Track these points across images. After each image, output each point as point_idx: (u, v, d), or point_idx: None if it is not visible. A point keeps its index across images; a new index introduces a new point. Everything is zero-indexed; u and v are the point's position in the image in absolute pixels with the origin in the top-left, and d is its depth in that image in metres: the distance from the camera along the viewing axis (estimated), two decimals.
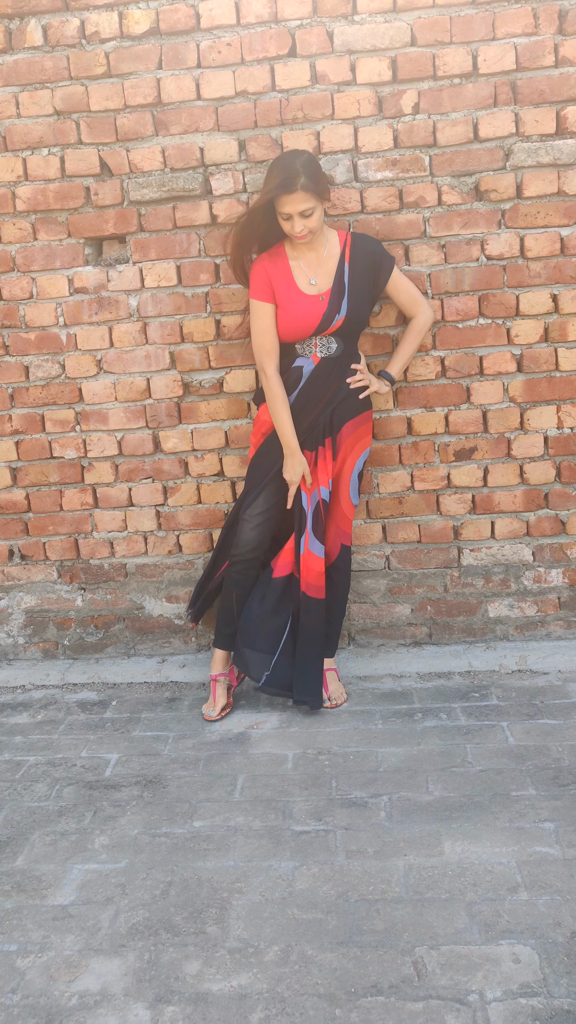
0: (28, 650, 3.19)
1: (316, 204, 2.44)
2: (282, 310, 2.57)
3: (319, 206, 2.46)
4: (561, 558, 2.94)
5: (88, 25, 2.73)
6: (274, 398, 2.58)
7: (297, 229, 2.45)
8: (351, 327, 2.60)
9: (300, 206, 2.41)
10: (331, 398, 2.63)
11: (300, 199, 2.40)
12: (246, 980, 1.59)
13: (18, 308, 2.95)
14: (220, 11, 2.68)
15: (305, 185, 2.39)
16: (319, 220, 2.48)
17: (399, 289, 2.65)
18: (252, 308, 2.59)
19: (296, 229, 2.45)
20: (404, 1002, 1.51)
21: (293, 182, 2.38)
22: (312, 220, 2.45)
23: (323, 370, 2.62)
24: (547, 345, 2.81)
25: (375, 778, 2.25)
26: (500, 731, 2.44)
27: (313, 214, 2.44)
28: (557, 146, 2.68)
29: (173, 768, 2.38)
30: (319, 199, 2.44)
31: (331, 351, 2.61)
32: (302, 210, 2.42)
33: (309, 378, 2.61)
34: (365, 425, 2.70)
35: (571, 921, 1.68)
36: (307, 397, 2.62)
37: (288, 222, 2.46)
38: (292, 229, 2.46)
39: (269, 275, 2.56)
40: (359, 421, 2.68)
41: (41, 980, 1.64)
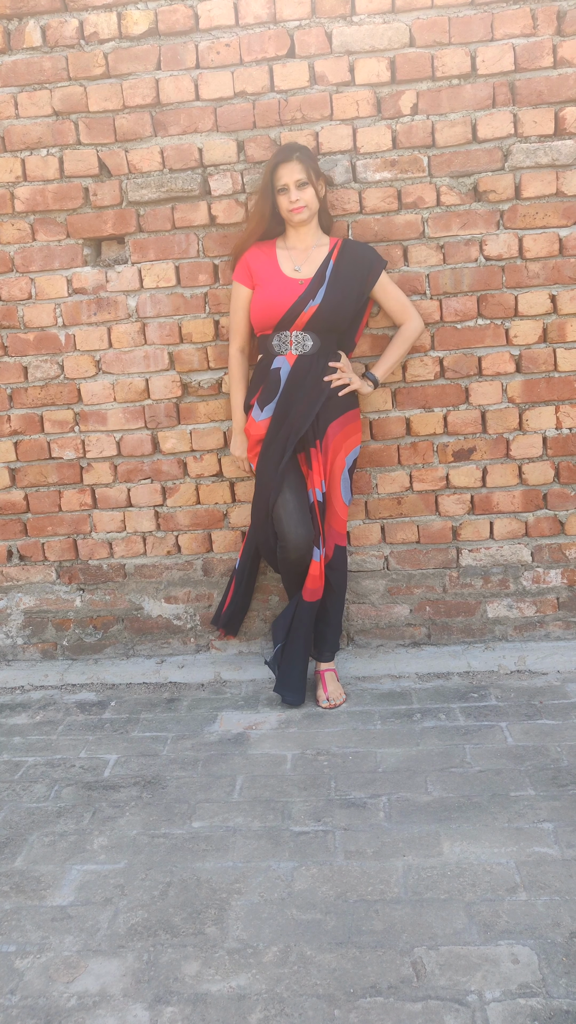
0: (27, 651, 3.19)
1: (311, 180, 2.53)
2: (259, 290, 2.62)
3: (314, 187, 2.54)
4: (560, 558, 2.94)
5: (87, 26, 2.73)
6: (232, 376, 2.75)
7: (292, 198, 2.52)
8: (325, 320, 2.59)
9: (296, 175, 2.51)
10: (314, 400, 2.60)
11: (296, 168, 2.51)
12: (245, 981, 1.59)
13: (17, 309, 2.95)
14: (219, 12, 2.68)
15: (301, 157, 2.52)
16: (313, 200, 2.55)
17: (388, 295, 2.67)
18: (232, 290, 2.70)
19: (292, 198, 2.52)
20: (403, 1002, 1.51)
21: (290, 151, 2.53)
22: (307, 194, 2.53)
23: (300, 369, 2.60)
24: (546, 346, 2.81)
25: (374, 779, 2.25)
26: (499, 731, 2.44)
27: (308, 188, 2.53)
28: (556, 147, 2.69)
29: (172, 769, 2.38)
30: (314, 177, 2.54)
31: (306, 348, 2.60)
32: (298, 179, 2.51)
33: (288, 380, 2.61)
34: (352, 424, 2.71)
35: (570, 921, 1.68)
36: (289, 400, 2.61)
37: (285, 196, 2.53)
38: (286, 202, 2.53)
39: (253, 259, 2.64)
40: (344, 420, 2.68)
41: (40, 981, 1.63)
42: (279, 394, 2.62)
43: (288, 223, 2.62)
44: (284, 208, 2.56)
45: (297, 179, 2.51)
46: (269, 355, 2.64)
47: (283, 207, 2.56)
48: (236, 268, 2.68)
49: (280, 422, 2.62)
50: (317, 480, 2.64)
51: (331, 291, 2.57)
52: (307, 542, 2.60)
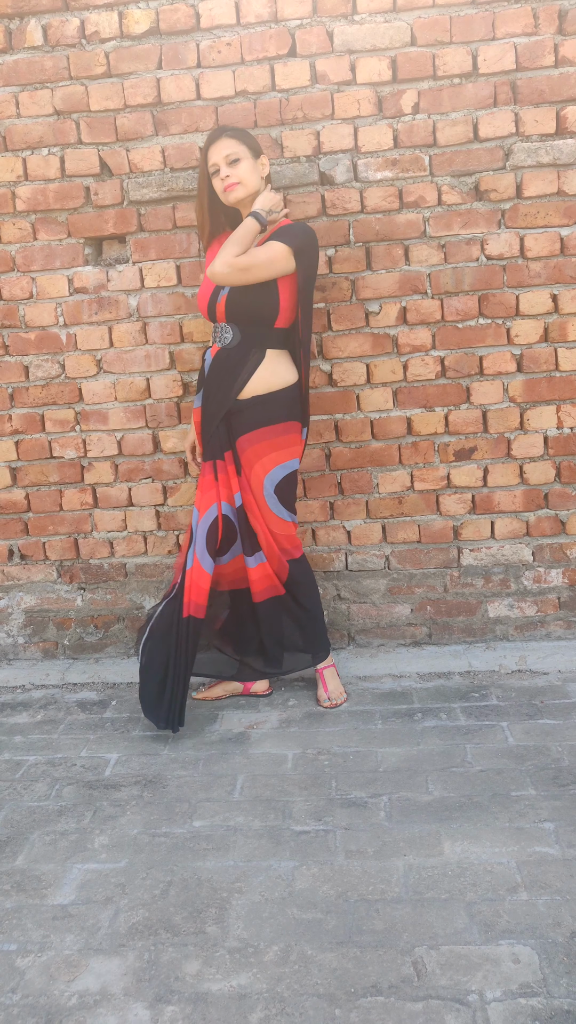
0: (28, 650, 3.19)
1: (244, 154, 2.42)
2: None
3: (248, 159, 2.43)
4: (561, 558, 2.94)
5: (88, 25, 2.73)
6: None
7: (223, 175, 2.42)
8: (238, 311, 2.43)
9: (225, 151, 2.41)
10: (222, 401, 2.47)
11: (225, 145, 2.41)
12: (246, 980, 1.59)
13: (18, 308, 2.96)
14: (220, 11, 2.68)
15: (232, 134, 2.43)
16: (249, 176, 2.43)
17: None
18: None
19: (222, 175, 2.42)
20: (404, 1002, 1.51)
21: (219, 131, 2.44)
22: (240, 168, 2.42)
23: (219, 362, 2.48)
24: (547, 345, 2.81)
25: (375, 778, 2.25)
26: (500, 731, 2.44)
27: (240, 162, 2.42)
28: (557, 146, 2.68)
29: (173, 768, 2.38)
30: (248, 150, 2.44)
31: (226, 341, 2.47)
32: (227, 154, 2.41)
33: (209, 371, 2.51)
34: (271, 440, 2.49)
35: (571, 921, 1.68)
36: (207, 393, 2.52)
37: (216, 178, 2.44)
38: (219, 182, 2.43)
39: (210, 252, 2.56)
40: (259, 436, 2.48)
41: (41, 980, 1.64)
42: (204, 386, 2.53)
43: (227, 204, 2.48)
44: (219, 190, 2.44)
45: (226, 155, 2.41)
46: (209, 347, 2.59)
47: (218, 189, 2.44)
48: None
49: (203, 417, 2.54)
50: (224, 493, 2.51)
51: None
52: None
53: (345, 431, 2.91)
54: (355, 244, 2.79)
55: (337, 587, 3.02)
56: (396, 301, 2.82)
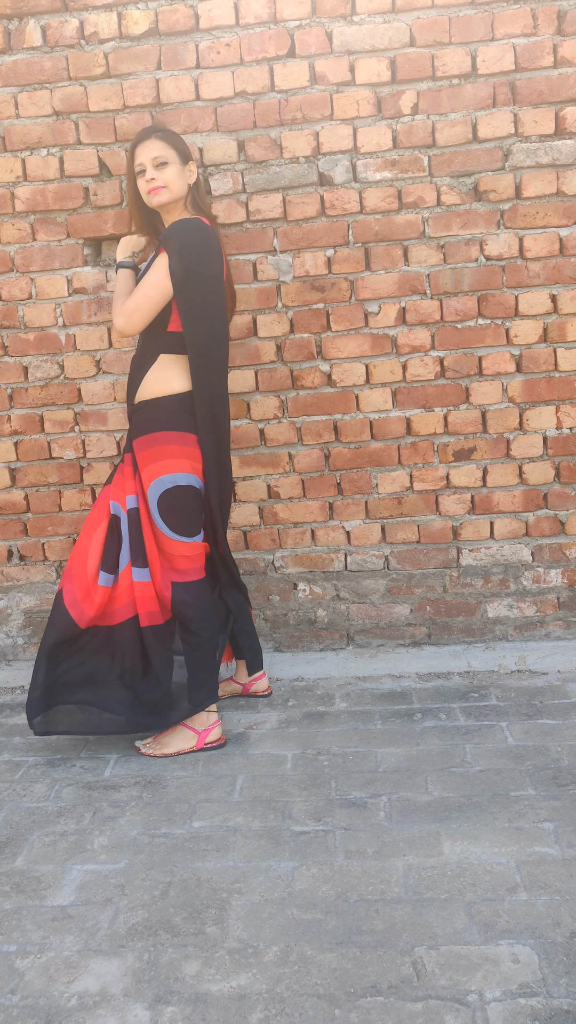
0: (27, 651, 3.19)
1: (172, 159, 2.36)
2: None
3: (176, 164, 2.37)
4: (560, 558, 2.94)
5: (87, 25, 2.73)
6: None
7: (148, 176, 2.34)
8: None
9: (152, 152, 2.34)
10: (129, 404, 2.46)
11: (153, 146, 2.35)
12: (245, 980, 1.59)
13: (17, 308, 2.95)
14: (219, 12, 2.68)
15: (162, 136, 2.37)
16: (176, 181, 2.37)
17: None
18: None
19: (148, 176, 2.34)
20: (403, 1002, 1.51)
21: (149, 131, 2.38)
22: (166, 172, 2.35)
23: (131, 370, 2.46)
24: (546, 345, 2.81)
25: (374, 778, 2.25)
26: (499, 731, 2.44)
27: (168, 167, 2.35)
28: (556, 146, 2.69)
29: (172, 768, 2.38)
30: (176, 155, 2.37)
31: (135, 348, 2.45)
32: (154, 156, 2.34)
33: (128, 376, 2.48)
34: (157, 448, 2.36)
35: (570, 921, 1.68)
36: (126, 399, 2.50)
37: (142, 179, 2.37)
38: (144, 183, 2.36)
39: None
40: (147, 442, 2.37)
41: (40, 981, 1.64)
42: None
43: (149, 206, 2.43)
44: (143, 192, 2.38)
45: (154, 157, 2.33)
46: None
47: (142, 191, 2.38)
48: None
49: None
50: (116, 493, 2.44)
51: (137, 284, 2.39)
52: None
53: (344, 431, 2.91)
54: (354, 245, 2.79)
55: (336, 587, 3.03)
56: (395, 301, 2.82)
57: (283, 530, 3.00)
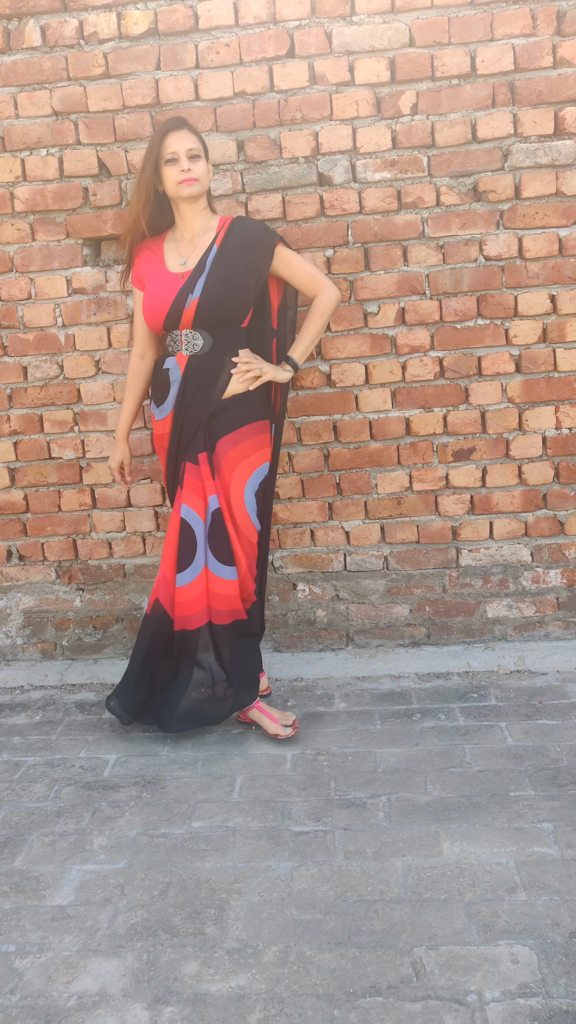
0: (26, 651, 3.19)
1: (202, 153, 2.36)
2: (146, 291, 2.44)
3: (204, 160, 2.36)
4: (559, 558, 2.94)
5: (86, 26, 2.73)
6: (127, 380, 2.59)
7: (184, 167, 2.31)
8: (210, 314, 2.36)
9: (187, 143, 2.32)
10: (203, 407, 2.41)
11: (188, 137, 2.33)
12: (245, 981, 1.59)
13: (16, 309, 2.95)
14: (218, 12, 2.68)
15: (192, 129, 2.37)
16: (205, 175, 2.36)
17: (292, 268, 2.43)
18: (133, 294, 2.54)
19: (183, 166, 2.31)
20: (403, 1002, 1.51)
21: (181, 121, 2.36)
22: (199, 166, 2.33)
23: (192, 371, 2.40)
24: (545, 346, 2.81)
25: (374, 779, 2.25)
26: (499, 731, 2.44)
27: (200, 160, 2.34)
28: (555, 147, 2.69)
29: (172, 768, 2.38)
30: (204, 151, 2.37)
31: (197, 348, 2.38)
32: (189, 148, 2.32)
33: (181, 383, 2.41)
34: (251, 440, 2.44)
35: (569, 921, 1.68)
36: (183, 402, 2.42)
37: (174, 167, 2.32)
38: (177, 172, 2.31)
39: (141, 261, 2.47)
40: (239, 436, 2.42)
41: (39, 981, 1.63)
42: (171, 396, 2.44)
43: (176, 200, 2.39)
44: (172, 181, 2.33)
45: (189, 148, 2.31)
46: (163, 355, 2.47)
47: (171, 179, 2.33)
48: (132, 273, 2.51)
49: (176, 427, 2.44)
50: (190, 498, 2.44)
51: (211, 281, 2.35)
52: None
53: (344, 432, 2.91)
54: (353, 245, 2.79)
55: (336, 588, 3.03)
56: (395, 302, 2.82)
57: (282, 530, 3.00)
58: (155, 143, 2.34)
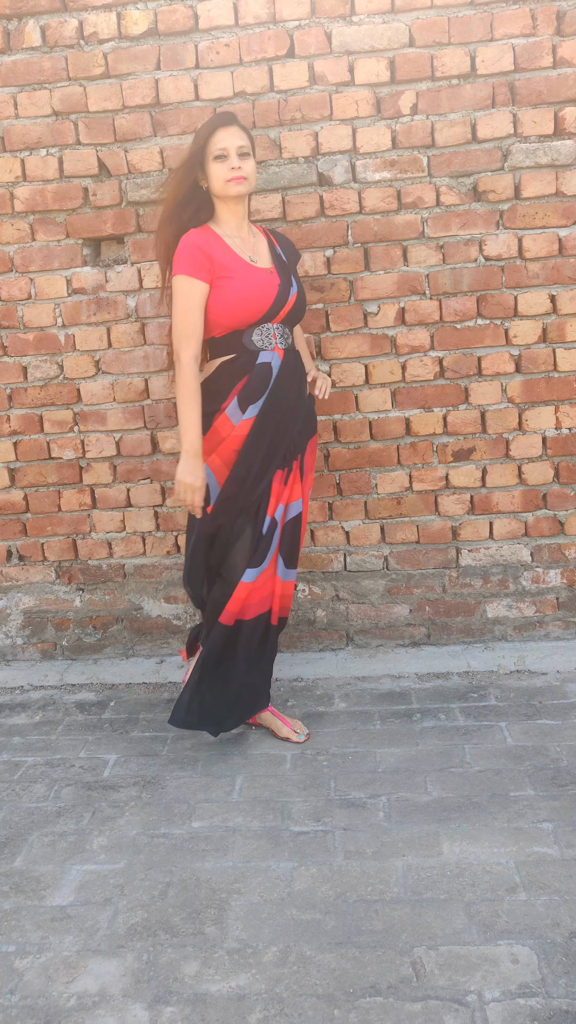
0: (26, 651, 3.19)
1: (251, 152, 2.27)
2: (230, 283, 2.24)
3: (252, 160, 2.28)
4: (559, 558, 2.94)
5: (86, 26, 2.73)
6: (187, 388, 2.23)
7: (234, 164, 2.21)
8: (299, 312, 2.37)
9: (238, 140, 2.23)
10: (299, 402, 2.37)
11: (238, 134, 2.24)
12: (244, 981, 1.59)
13: (16, 309, 2.95)
14: (218, 12, 2.68)
15: (242, 126, 2.28)
16: (253, 175, 2.27)
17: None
18: (178, 287, 2.24)
19: (232, 164, 2.21)
20: (403, 1002, 1.51)
21: (231, 117, 2.27)
22: (248, 164, 2.25)
23: (288, 365, 2.33)
24: (545, 346, 2.81)
25: (373, 779, 2.25)
26: (498, 731, 2.44)
27: (249, 159, 2.25)
28: (555, 147, 2.69)
29: (171, 769, 2.38)
30: (253, 150, 2.29)
31: (288, 342, 2.34)
32: (240, 145, 2.23)
33: (278, 377, 2.30)
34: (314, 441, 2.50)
35: (569, 921, 1.68)
36: (278, 400, 2.30)
37: (222, 164, 2.22)
38: (226, 169, 2.22)
39: (205, 250, 2.24)
40: (314, 439, 2.50)
41: (39, 981, 1.63)
42: (267, 394, 2.29)
43: (222, 197, 2.28)
44: (221, 178, 2.23)
45: (239, 145, 2.22)
46: (248, 352, 2.29)
47: (219, 177, 2.23)
48: (182, 262, 2.23)
49: (265, 427, 2.30)
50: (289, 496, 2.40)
51: (296, 281, 2.37)
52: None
53: (343, 431, 2.91)
54: (353, 245, 2.79)
55: (336, 588, 3.03)
56: (394, 302, 2.82)
57: None
58: (203, 137, 2.25)
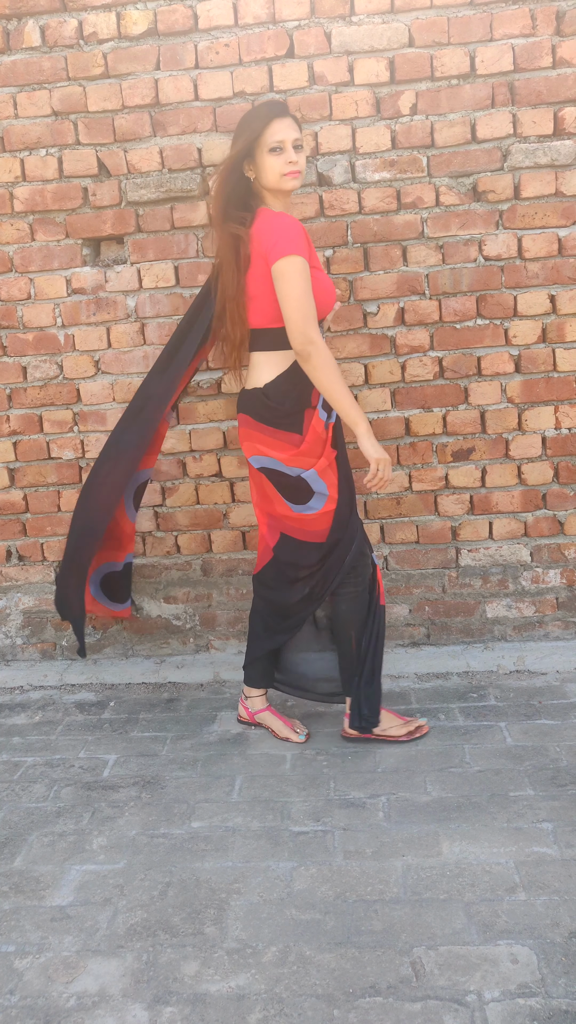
0: (26, 651, 3.19)
1: (303, 144, 2.18)
2: (320, 274, 2.21)
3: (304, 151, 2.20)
4: (559, 558, 2.94)
5: (86, 26, 2.73)
6: (334, 367, 2.14)
7: (291, 158, 2.13)
8: None
9: (294, 133, 2.14)
10: None
11: (293, 126, 2.15)
12: (244, 981, 1.59)
13: (16, 309, 2.95)
14: (218, 12, 2.68)
15: (294, 116, 2.18)
16: (304, 167, 2.19)
17: None
18: (297, 268, 2.09)
19: (289, 158, 2.13)
20: (402, 1002, 1.51)
21: (282, 108, 2.17)
22: (302, 159, 2.16)
23: None
24: (545, 346, 2.81)
25: (373, 778, 2.25)
26: (498, 731, 2.44)
27: (302, 152, 2.17)
28: (555, 147, 2.69)
29: (171, 769, 2.38)
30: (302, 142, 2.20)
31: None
32: (295, 138, 2.14)
33: None
34: None
35: (569, 921, 1.68)
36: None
37: (277, 157, 2.13)
38: (283, 163, 2.13)
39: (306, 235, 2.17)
40: None
41: (39, 981, 1.64)
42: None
43: (276, 191, 2.20)
44: (276, 171, 2.14)
45: (295, 138, 2.14)
46: None
47: (275, 170, 2.14)
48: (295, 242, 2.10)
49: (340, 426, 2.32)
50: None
51: None
52: None
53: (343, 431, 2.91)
54: (353, 245, 2.79)
55: None
56: (394, 302, 2.82)
57: None
58: (256, 128, 2.14)
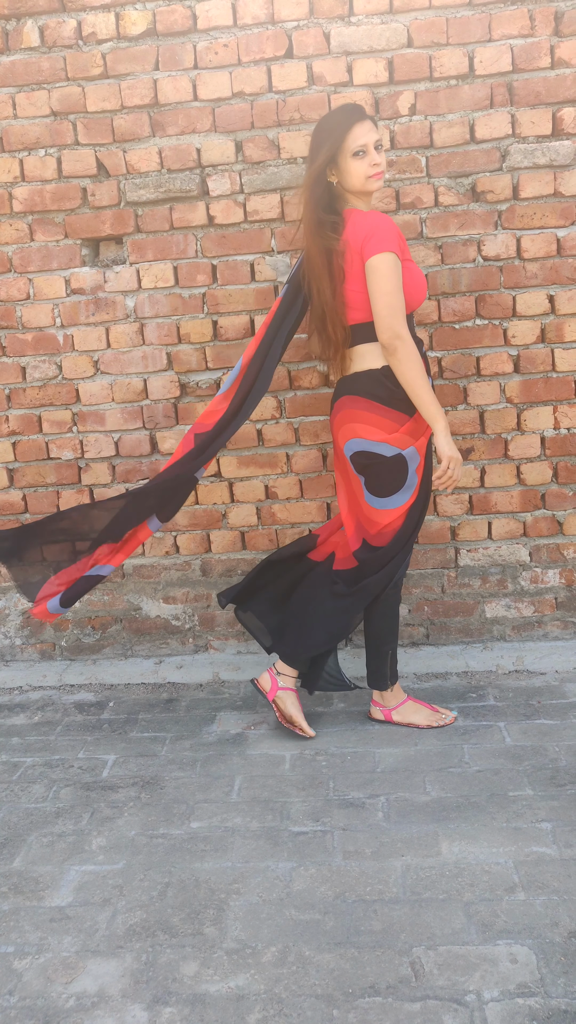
0: (25, 651, 3.18)
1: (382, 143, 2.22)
2: (412, 267, 2.27)
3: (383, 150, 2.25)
4: (558, 558, 2.95)
5: (85, 26, 2.73)
6: (418, 361, 2.20)
7: (375, 160, 2.18)
8: None
9: (374, 135, 2.19)
10: None
11: (372, 128, 2.20)
12: (244, 981, 1.59)
13: (15, 309, 2.95)
14: (217, 12, 2.68)
15: (371, 117, 2.22)
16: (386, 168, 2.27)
17: None
18: (390, 265, 2.16)
19: (373, 160, 2.18)
20: (401, 1002, 1.51)
21: (361, 111, 2.21)
22: (384, 158, 2.22)
23: None
24: (544, 346, 2.82)
25: (372, 779, 2.25)
26: (497, 731, 2.45)
27: (382, 152, 2.22)
28: (553, 147, 2.69)
29: (170, 769, 2.38)
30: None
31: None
32: (377, 139, 2.19)
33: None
34: None
35: (568, 921, 1.68)
36: None
37: (361, 160, 2.19)
38: (367, 166, 2.19)
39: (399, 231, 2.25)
40: None
41: (38, 982, 1.63)
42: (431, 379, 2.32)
43: (360, 193, 2.25)
44: (361, 174, 2.20)
45: (376, 139, 2.19)
46: (418, 340, 2.30)
47: (360, 173, 2.19)
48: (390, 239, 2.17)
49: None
50: None
51: None
52: None
53: None
54: None
55: None
56: None
57: (281, 531, 3.00)
58: (339, 133, 2.18)
